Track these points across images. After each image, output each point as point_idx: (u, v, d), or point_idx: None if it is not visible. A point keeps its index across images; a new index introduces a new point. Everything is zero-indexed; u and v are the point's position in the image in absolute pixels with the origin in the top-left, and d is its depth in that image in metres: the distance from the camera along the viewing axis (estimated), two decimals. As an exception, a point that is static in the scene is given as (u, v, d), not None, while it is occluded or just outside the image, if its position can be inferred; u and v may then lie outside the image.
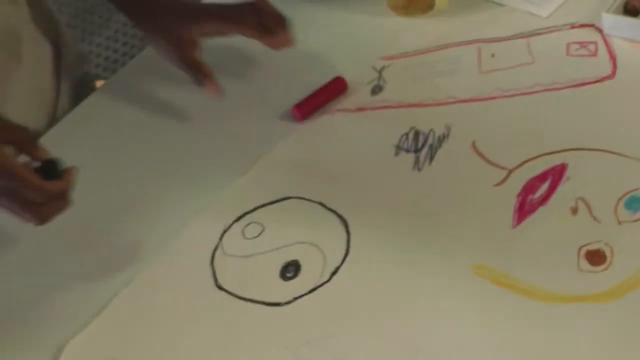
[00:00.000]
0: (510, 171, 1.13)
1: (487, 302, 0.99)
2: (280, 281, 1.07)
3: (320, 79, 1.29)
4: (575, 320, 0.96)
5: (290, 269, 1.08)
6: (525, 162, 1.14)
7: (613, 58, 1.23)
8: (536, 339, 0.95)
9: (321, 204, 1.16)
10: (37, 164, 1.06)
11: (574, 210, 1.06)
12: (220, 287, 1.09)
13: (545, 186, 1.10)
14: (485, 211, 1.10)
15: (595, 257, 1.00)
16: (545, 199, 1.09)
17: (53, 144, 1.13)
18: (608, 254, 1.00)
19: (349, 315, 1.03)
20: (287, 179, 1.20)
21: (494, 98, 1.23)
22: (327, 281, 1.07)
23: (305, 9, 1.44)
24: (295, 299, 1.06)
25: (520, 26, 1.33)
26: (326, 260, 1.09)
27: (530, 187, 1.10)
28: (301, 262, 1.09)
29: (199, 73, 1.27)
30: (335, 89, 1.26)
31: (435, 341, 0.97)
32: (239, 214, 1.17)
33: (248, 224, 1.15)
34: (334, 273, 1.08)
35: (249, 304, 1.06)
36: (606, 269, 0.99)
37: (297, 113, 1.25)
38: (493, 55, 1.30)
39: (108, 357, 1.06)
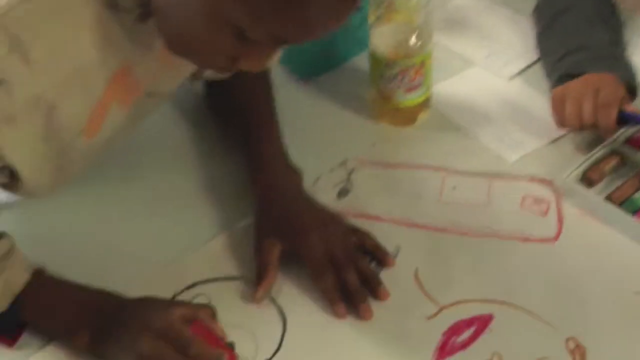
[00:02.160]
0: (442, 308, 1.23)
1: None
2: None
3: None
4: None
5: (223, 351, 1.16)
6: (458, 302, 1.23)
7: (560, 222, 1.33)
8: None
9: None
10: None
11: (489, 364, 1.17)
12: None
13: (469, 332, 1.20)
14: (410, 341, 1.20)
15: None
16: (466, 344, 1.19)
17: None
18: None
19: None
20: (244, 259, 1.29)
21: (445, 230, 1.33)
22: (255, 373, 1.16)
23: (293, 88, 1.54)
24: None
25: (486, 165, 1.43)
26: (257, 350, 1.18)
27: (456, 328, 1.21)
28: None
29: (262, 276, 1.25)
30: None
31: None
32: (192, 282, 1.26)
33: (197, 295, 1.24)
34: (266, 362, 1.16)
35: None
36: None
37: None
38: (454, 188, 1.39)
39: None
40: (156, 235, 1.32)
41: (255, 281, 1.24)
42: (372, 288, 1.23)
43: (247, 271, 1.27)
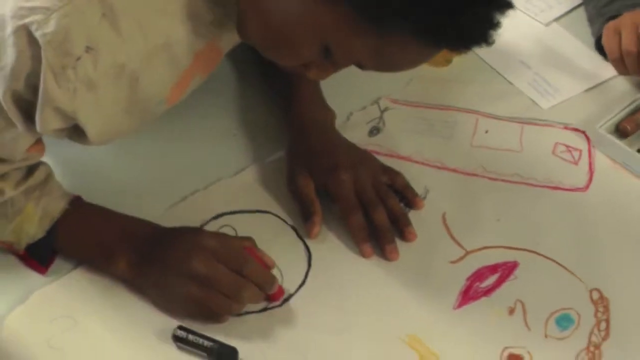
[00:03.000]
0: (468, 253, 1.23)
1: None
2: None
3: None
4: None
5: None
6: (483, 248, 1.24)
7: (591, 172, 1.33)
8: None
9: (294, 228, 1.25)
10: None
11: (511, 311, 1.17)
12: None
13: (493, 278, 1.20)
14: (434, 284, 1.20)
15: (515, 362, 1.11)
16: (490, 290, 1.19)
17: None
18: (527, 361, 1.11)
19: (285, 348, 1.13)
20: (271, 193, 1.29)
21: (475, 175, 1.33)
22: (279, 305, 1.17)
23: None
24: (247, 313, 1.15)
25: (519, 110, 1.42)
26: (282, 284, 1.18)
27: (480, 274, 1.21)
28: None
29: (311, 212, 1.25)
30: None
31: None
32: (218, 212, 1.26)
33: (223, 226, 1.24)
34: (286, 299, 1.17)
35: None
36: (519, 376, 1.10)
37: None
38: (487, 132, 1.39)
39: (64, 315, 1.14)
40: (187, 166, 1.32)
41: (302, 218, 1.25)
42: (400, 228, 1.23)
43: (274, 205, 1.27)
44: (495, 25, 0.97)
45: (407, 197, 1.27)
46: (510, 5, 0.98)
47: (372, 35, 0.97)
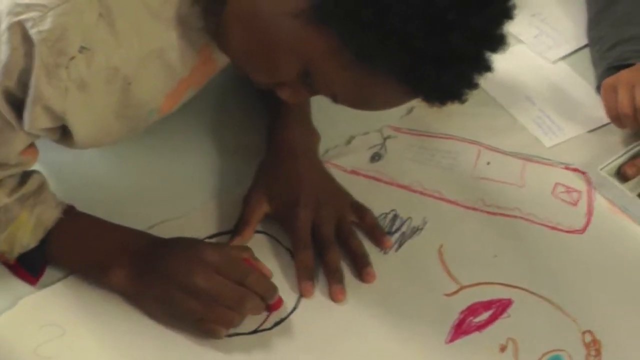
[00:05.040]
0: (462, 287, 1.22)
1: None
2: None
3: (329, 128, 1.36)
4: None
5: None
6: (479, 283, 1.23)
7: (590, 214, 1.32)
8: None
9: (289, 251, 1.24)
10: None
11: (503, 349, 1.17)
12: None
13: (487, 314, 1.20)
14: (427, 316, 1.19)
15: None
16: (482, 326, 1.19)
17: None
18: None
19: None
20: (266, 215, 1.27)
21: (474, 209, 1.32)
22: (269, 329, 1.16)
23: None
24: (236, 334, 1.14)
25: (522, 146, 1.41)
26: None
27: (474, 309, 1.20)
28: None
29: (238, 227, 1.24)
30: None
31: None
32: (214, 231, 1.25)
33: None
34: (277, 323, 1.16)
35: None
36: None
37: None
38: (488, 164, 1.38)
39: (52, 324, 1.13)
40: (185, 182, 1.31)
41: (232, 233, 1.23)
42: (358, 270, 1.22)
43: (269, 226, 1.26)
44: (474, 85, 0.99)
45: (375, 236, 1.26)
46: (490, 69, 0.98)
47: (358, 72, 0.97)
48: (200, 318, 1.11)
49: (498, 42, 0.97)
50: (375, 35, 0.93)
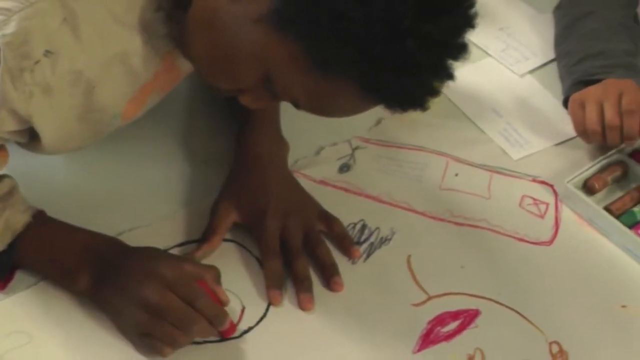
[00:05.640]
0: (430, 297, 1.23)
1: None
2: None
3: (298, 138, 1.36)
4: None
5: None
6: (447, 294, 1.23)
7: (557, 226, 1.33)
8: None
9: (258, 259, 1.24)
10: None
11: (470, 358, 1.17)
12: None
13: (454, 324, 1.20)
14: (395, 325, 1.19)
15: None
16: (450, 336, 1.19)
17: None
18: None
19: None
20: (235, 224, 1.27)
21: (442, 220, 1.32)
22: (238, 337, 1.16)
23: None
24: (205, 342, 1.14)
25: (489, 158, 1.42)
26: (243, 315, 1.17)
27: (442, 319, 1.21)
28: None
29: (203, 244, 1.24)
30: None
31: None
32: (182, 240, 1.25)
33: (187, 253, 1.23)
34: (245, 332, 1.16)
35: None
36: None
37: None
38: (456, 175, 1.39)
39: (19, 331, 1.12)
40: (154, 189, 1.31)
41: (200, 241, 1.23)
42: (326, 279, 1.22)
43: (239, 235, 1.26)
44: (435, 93, 0.99)
45: (343, 246, 1.26)
46: (451, 77, 0.98)
47: (318, 77, 0.97)
48: (146, 332, 1.09)
49: (458, 50, 0.98)
50: (334, 42, 0.93)
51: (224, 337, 1.14)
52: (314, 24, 0.93)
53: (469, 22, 0.97)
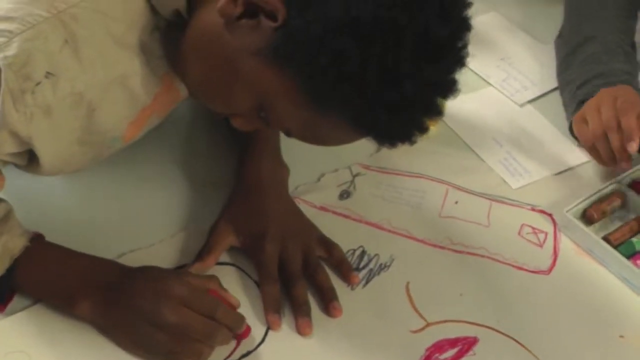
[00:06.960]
0: (429, 324, 1.23)
1: None
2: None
3: (299, 164, 1.36)
4: None
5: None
6: (445, 321, 1.23)
7: (555, 256, 1.34)
8: None
9: (257, 284, 1.24)
10: None
11: (467, 387, 1.17)
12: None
13: (453, 352, 1.20)
14: (394, 352, 1.19)
15: None
16: (448, 364, 1.19)
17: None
18: None
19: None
20: (234, 247, 1.28)
21: (441, 247, 1.33)
22: (235, 361, 1.16)
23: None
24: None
25: (489, 187, 1.43)
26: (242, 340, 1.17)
27: (440, 346, 1.21)
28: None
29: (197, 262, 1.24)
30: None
31: None
32: (182, 262, 1.25)
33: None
34: (244, 355, 1.16)
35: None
36: None
37: None
38: (456, 203, 1.39)
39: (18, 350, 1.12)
40: (155, 212, 1.31)
41: (195, 258, 1.23)
42: (325, 303, 1.22)
43: (239, 258, 1.27)
44: (424, 129, 1.01)
45: (342, 271, 1.26)
46: (441, 114, 1.01)
47: (311, 111, 0.98)
48: (169, 351, 1.10)
49: (449, 88, 1.00)
50: (331, 79, 0.94)
51: (240, 339, 1.15)
52: (312, 61, 0.94)
53: (461, 62, 0.99)
